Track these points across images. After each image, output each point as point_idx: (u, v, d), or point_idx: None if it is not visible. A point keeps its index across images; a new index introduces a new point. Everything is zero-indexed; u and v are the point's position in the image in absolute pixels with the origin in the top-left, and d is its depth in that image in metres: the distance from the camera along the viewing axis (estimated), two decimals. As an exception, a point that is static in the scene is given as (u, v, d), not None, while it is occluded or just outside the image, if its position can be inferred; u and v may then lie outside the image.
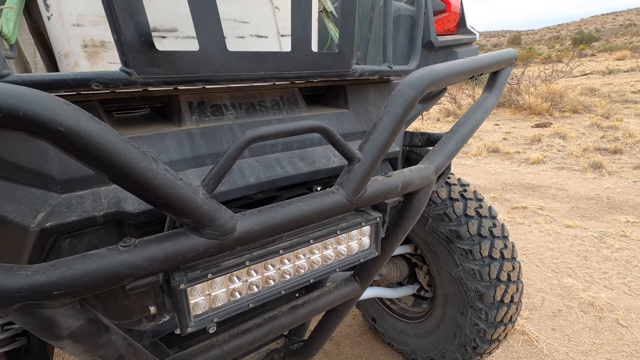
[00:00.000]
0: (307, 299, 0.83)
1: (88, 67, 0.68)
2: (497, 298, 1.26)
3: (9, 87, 0.34)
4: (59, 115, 0.36)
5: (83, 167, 0.52)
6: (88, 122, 0.37)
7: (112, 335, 0.50)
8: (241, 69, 0.57)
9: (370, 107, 0.86)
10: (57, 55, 0.67)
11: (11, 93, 0.34)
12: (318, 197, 0.62)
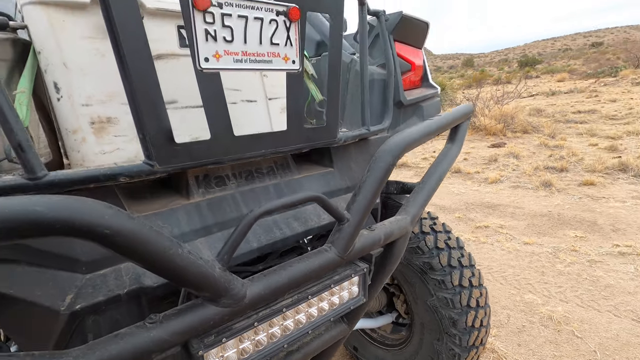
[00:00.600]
0: (301, 343, 0.89)
1: (94, 142, 0.73)
2: (469, 323, 1.37)
3: (64, 201, 0.40)
4: (105, 220, 0.42)
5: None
6: (128, 223, 0.44)
7: None
8: (245, 150, 0.65)
9: (352, 164, 0.96)
10: (64, 131, 0.71)
11: (66, 205, 0.40)
12: (314, 256, 0.70)
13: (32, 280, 0.51)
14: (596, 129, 7.47)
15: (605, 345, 1.92)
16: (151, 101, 0.56)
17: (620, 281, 2.48)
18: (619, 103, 10.79)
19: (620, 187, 4.27)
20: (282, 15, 0.64)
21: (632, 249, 2.86)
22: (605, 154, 5.64)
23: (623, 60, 29.41)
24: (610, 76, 20.19)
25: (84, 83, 0.70)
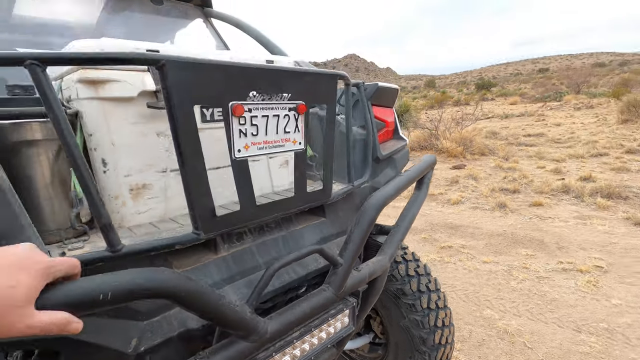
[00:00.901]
0: None
1: (132, 205, 0.87)
2: (437, 341, 1.58)
3: (155, 274, 0.56)
4: (181, 286, 0.58)
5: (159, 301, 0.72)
6: (195, 286, 0.60)
7: None
8: (264, 214, 0.82)
9: (340, 213, 1.15)
10: (106, 197, 0.86)
11: (156, 277, 0.56)
12: (316, 295, 0.87)
13: (108, 329, 0.64)
14: (543, 152, 8.23)
15: (551, 354, 2.21)
16: (201, 191, 0.72)
17: (563, 295, 2.82)
18: (563, 127, 11.91)
19: (563, 207, 4.78)
20: (293, 110, 0.84)
21: (573, 266, 3.25)
22: (551, 176, 6.26)
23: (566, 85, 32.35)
24: (555, 101, 22.13)
25: (127, 158, 0.85)
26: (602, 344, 2.26)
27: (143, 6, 2.07)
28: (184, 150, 0.66)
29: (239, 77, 0.72)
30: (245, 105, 0.74)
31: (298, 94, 0.84)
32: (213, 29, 2.27)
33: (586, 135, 9.75)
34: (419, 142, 9.39)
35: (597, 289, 2.88)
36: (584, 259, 3.36)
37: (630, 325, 2.42)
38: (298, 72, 0.83)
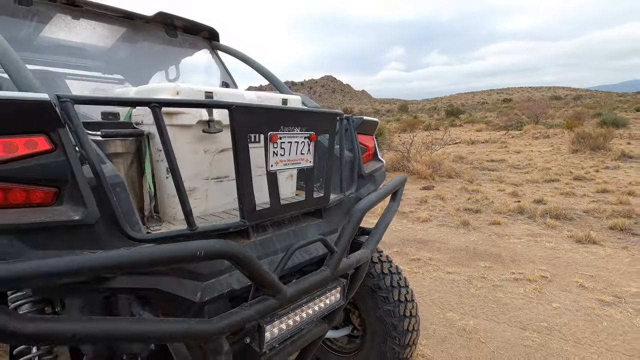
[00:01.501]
0: (299, 335, 1.36)
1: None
2: (405, 327, 1.92)
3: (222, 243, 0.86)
4: (239, 252, 0.89)
5: (213, 267, 1.01)
6: (250, 255, 0.91)
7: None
8: (285, 211, 1.14)
9: (333, 216, 1.49)
10: (166, 196, 1.15)
11: (224, 245, 0.86)
12: (318, 273, 1.19)
13: (181, 285, 0.93)
14: (504, 176, 8.98)
15: (500, 347, 2.59)
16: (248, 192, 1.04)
17: (513, 300, 3.25)
18: (522, 154, 12.93)
19: (518, 226, 5.34)
20: (307, 138, 1.18)
21: (523, 276, 3.71)
22: (509, 198, 6.90)
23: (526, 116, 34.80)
24: (516, 129, 23.79)
25: (183, 168, 1.15)
26: (541, 339, 2.68)
27: (159, 38, 2.38)
28: (241, 162, 0.98)
29: (274, 116, 1.06)
30: (278, 134, 1.07)
31: (311, 127, 1.18)
32: (219, 59, 2.61)
33: (542, 163, 10.69)
34: (392, 163, 9.96)
35: (542, 295, 3.34)
36: (532, 270, 3.84)
37: (566, 324, 2.87)
38: (311, 112, 1.18)
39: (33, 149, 0.76)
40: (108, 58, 2.55)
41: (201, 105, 0.96)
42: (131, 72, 2.65)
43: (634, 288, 3.41)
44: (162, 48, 2.54)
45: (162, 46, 2.52)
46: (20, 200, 0.76)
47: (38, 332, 0.67)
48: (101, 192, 0.82)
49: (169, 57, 2.69)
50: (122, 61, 2.58)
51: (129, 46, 2.49)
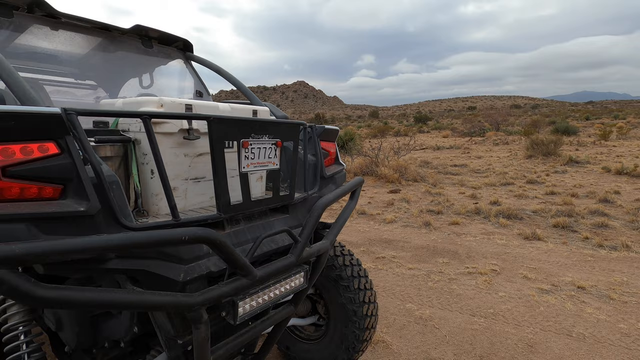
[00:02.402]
0: (266, 317, 1.56)
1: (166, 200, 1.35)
2: (364, 312, 2.15)
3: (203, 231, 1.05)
4: (217, 238, 1.08)
5: (193, 252, 1.19)
6: (225, 240, 1.10)
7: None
8: (255, 207, 1.34)
9: (297, 212, 1.70)
10: (150, 194, 1.32)
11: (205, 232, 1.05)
12: (284, 260, 1.40)
13: (166, 267, 1.10)
14: (465, 180, 9.56)
15: (452, 332, 2.89)
16: (223, 189, 1.23)
17: (465, 291, 3.59)
18: (483, 159, 13.74)
19: (475, 226, 5.78)
20: (274, 145, 1.39)
21: (475, 269, 4.08)
22: (468, 200, 7.40)
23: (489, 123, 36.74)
24: (479, 136, 25.08)
25: (166, 170, 1.33)
26: (487, 323, 3.01)
27: (135, 47, 2.51)
28: (217, 165, 1.18)
29: (246, 126, 1.27)
30: (249, 141, 1.28)
31: (277, 134, 1.40)
32: (192, 69, 2.77)
33: (500, 167, 11.44)
34: (362, 168, 10.32)
35: (490, 285, 3.70)
36: (484, 265, 4.22)
37: (509, 309, 3.22)
38: (277, 122, 1.40)
39: (45, 153, 0.92)
40: (82, 65, 2.64)
41: (184, 117, 1.15)
42: (104, 79, 2.75)
43: (569, 277, 3.85)
44: (136, 57, 2.66)
45: (136, 55, 2.64)
46: (34, 195, 0.92)
47: (58, 298, 0.83)
48: (101, 188, 0.99)
49: (142, 66, 2.81)
50: (95, 68, 2.67)
51: (103, 55, 2.60)
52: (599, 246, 4.75)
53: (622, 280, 3.77)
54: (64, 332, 1.58)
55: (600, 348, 2.65)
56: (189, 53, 2.77)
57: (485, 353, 2.62)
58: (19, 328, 1.44)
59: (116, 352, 1.67)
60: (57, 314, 1.58)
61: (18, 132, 0.89)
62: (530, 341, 2.74)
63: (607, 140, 18.19)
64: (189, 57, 2.77)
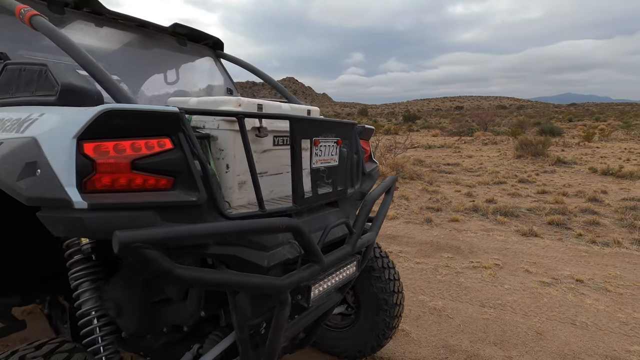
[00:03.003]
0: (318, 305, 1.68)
1: (237, 192, 1.44)
2: (394, 301, 2.29)
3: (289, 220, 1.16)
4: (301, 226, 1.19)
5: (274, 241, 1.30)
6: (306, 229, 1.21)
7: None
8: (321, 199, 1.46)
9: (345, 206, 1.82)
10: (224, 187, 1.42)
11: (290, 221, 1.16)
12: (343, 249, 1.52)
13: (253, 254, 1.20)
14: (459, 179, 9.83)
15: (466, 321, 3.06)
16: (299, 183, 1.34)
17: (473, 284, 3.78)
18: (474, 159, 14.09)
19: (474, 223, 6.00)
20: (335, 143, 1.50)
21: (480, 264, 4.28)
22: (465, 198, 7.64)
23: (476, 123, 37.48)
24: (468, 136, 25.61)
25: (239, 165, 1.43)
26: (497, 313, 3.20)
27: (168, 45, 2.57)
28: (296, 160, 1.28)
29: (318, 125, 1.38)
30: (320, 139, 1.39)
31: (338, 134, 1.51)
32: (222, 66, 2.84)
33: (491, 167, 11.77)
34: (359, 165, 10.47)
35: (495, 279, 3.90)
36: (487, 259, 4.43)
37: (515, 301, 3.42)
38: (340, 122, 1.51)
39: (162, 148, 1.01)
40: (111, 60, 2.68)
41: (273, 117, 1.25)
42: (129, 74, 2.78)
43: (567, 271, 4.09)
44: (166, 54, 2.71)
45: (166, 52, 2.69)
46: (151, 186, 1.01)
47: (190, 277, 0.92)
48: (205, 181, 1.09)
49: (170, 63, 2.86)
50: (123, 64, 2.71)
51: (134, 50, 2.64)
52: (592, 242, 5.02)
53: (615, 273, 4.02)
54: (123, 318, 1.66)
55: (602, 335, 2.87)
56: (219, 51, 2.84)
57: (498, 340, 2.79)
58: (91, 313, 1.52)
59: (171, 337, 1.76)
60: (118, 301, 1.66)
61: (144, 128, 0.98)
62: (539, 329, 2.93)
63: (591, 142, 18.86)
64: (219, 55, 2.84)
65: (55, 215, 0.88)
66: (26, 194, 0.86)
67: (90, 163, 0.89)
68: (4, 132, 1.08)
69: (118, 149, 0.94)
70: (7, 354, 1.07)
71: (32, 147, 0.92)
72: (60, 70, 1.15)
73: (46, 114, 1.03)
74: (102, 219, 0.87)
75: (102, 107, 0.89)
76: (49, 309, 1.97)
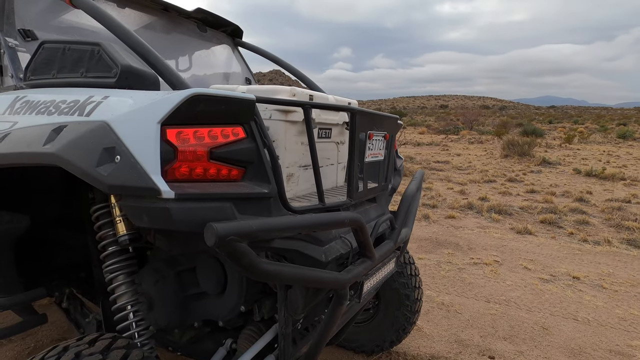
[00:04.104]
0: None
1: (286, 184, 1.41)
2: (415, 296, 2.31)
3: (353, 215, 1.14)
4: (363, 221, 1.17)
5: (329, 235, 1.27)
6: (366, 225, 1.19)
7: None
8: (370, 194, 1.44)
9: (381, 201, 1.81)
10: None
11: (354, 216, 1.14)
12: (387, 244, 1.51)
13: (312, 248, 1.17)
14: (450, 176, 9.99)
15: (474, 316, 3.12)
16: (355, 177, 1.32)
17: (476, 280, 3.85)
18: (462, 157, 14.33)
19: (469, 220, 6.11)
20: (383, 137, 1.48)
21: (480, 260, 4.37)
22: (458, 195, 7.77)
23: (461, 122, 38.10)
24: (454, 134, 26.01)
25: (289, 157, 1.39)
26: (503, 308, 3.27)
27: (190, 31, 2.48)
28: (357, 153, 1.26)
29: (373, 119, 1.35)
30: (374, 132, 1.36)
31: (386, 128, 1.49)
32: (240, 55, 2.76)
33: (480, 165, 12.01)
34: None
35: (497, 275, 3.99)
36: (486, 256, 4.52)
37: (519, 296, 3.51)
38: (388, 116, 1.49)
39: (236, 136, 0.96)
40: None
41: (334, 108, 1.21)
42: None
43: (563, 269, 4.22)
44: (184, 39, 2.61)
45: (184, 37, 2.59)
46: (224, 176, 0.96)
47: (273, 272, 0.89)
48: (275, 172, 1.05)
49: (186, 48, 2.76)
50: None
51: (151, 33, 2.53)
52: (584, 241, 5.20)
53: (609, 271, 4.18)
54: (154, 312, 1.61)
55: (604, 330, 2.98)
56: (237, 39, 2.76)
57: (507, 335, 2.86)
58: (127, 307, 1.46)
59: (200, 332, 1.72)
60: (149, 293, 1.60)
61: (220, 115, 0.93)
62: (544, 324, 3.02)
63: (571, 144, 19.49)
64: (237, 44, 2.76)
65: (139, 204, 0.82)
66: (108, 182, 0.80)
67: (172, 150, 0.84)
68: (62, 114, 1.00)
69: (197, 136, 0.89)
70: (59, 349, 1.02)
71: (107, 132, 0.86)
72: (117, 51, 1.08)
73: (112, 96, 0.97)
74: (189, 209, 0.83)
75: (191, 91, 0.84)
76: (68, 303, 1.89)
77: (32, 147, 0.96)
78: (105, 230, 1.46)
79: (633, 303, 3.45)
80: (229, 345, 1.66)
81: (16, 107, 1.19)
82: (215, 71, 2.82)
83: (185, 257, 1.56)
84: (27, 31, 1.55)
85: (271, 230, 0.85)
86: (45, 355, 1.01)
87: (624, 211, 6.56)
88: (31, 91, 1.26)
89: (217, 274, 1.45)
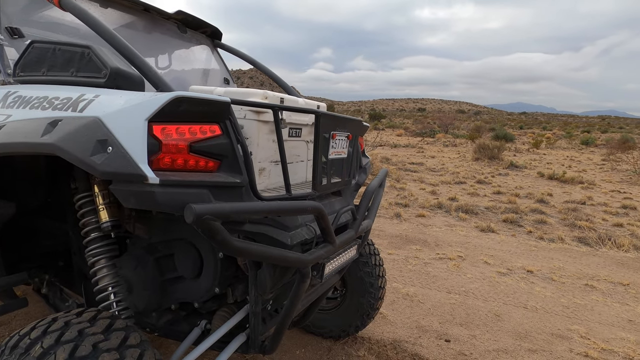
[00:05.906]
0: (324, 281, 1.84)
1: (258, 177, 1.57)
2: (379, 285, 2.51)
3: (313, 203, 1.32)
4: (324, 209, 1.35)
5: (295, 222, 1.44)
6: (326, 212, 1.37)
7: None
8: (333, 187, 1.62)
9: (346, 195, 2.00)
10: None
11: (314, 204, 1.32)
12: (348, 232, 1.70)
13: (278, 233, 1.33)
14: (423, 177, 10.37)
15: (435, 305, 3.38)
16: (318, 171, 1.49)
17: (440, 273, 4.13)
18: (436, 159, 14.85)
19: (438, 218, 6.43)
20: (346, 137, 1.67)
21: (445, 255, 4.66)
22: (430, 196, 8.12)
23: (437, 125, 39.19)
24: (430, 137, 26.77)
25: (261, 153, 1.55)
26: (461, 298, 3.55)
27: (171, 32, 2.59)
28: (321, 151, 1.44)
29: (337, 121, 1.53)
30: (336, 133, 1.55)
31: (349, 129, 1.68)
32: (219, 56, 2.88)
33: (452, 167, 12.50)
34: (330, 160, 10.70)
35: (459, 269, 4.28)
36: (451, 252, 4.82)
37: (477, 288, 3.80)
38: (352, 119, 1.68)
39: (213, 133, 1.12)
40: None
41: (302, 111, 1.38)
42: None
43: (520, 263, 4.57)
44: (162, 38, 2.70)
45: (163, 37, 2.69)
46: (202, 167, 1.11)
47: (244, 249, 1.05)
48: (246, 164, 1.21)
49: (165, 48, 2.86)
50: None
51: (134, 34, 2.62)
52: (540, 239, 5.61)
53: (559, 266, 4.56)
54: (132, 296, 1.73)
55: (549, 317, 3.30)
56: (217, 41, 2.88)
57: (464, 321, 3.12)
58: (109, 289, 1.58)
59: (176, 315, 1.85)
60: (129, 278, 1.72)
61: (199, 115, 1.08)
62: (497, 312, 3.31)
63: (539, 149, 20.53)
64: (217, 45, 2.88)
65: (128, 188, 0.97)
66: (101, 169, 0.94)
67: (157, 143, 0.99)
68: (56, 110, 1.13)
69: (179, 132, 1.04)
70: (49, 320, 1.14)
71: (99, 127, 0.99)
72: (106, 54, 1.21)
73: (102, 95, 1.10)
74: (170, 193, 0.98)
75: (174, 94, 0.99)
76: (47, 289, 1.97)
77: (30, 138, 1.08)
78: (88, 217, 1.58)
79: (577, 293, 3.81)
80: (204, 325, 1.80)
81: (8, 101, 1.29)
82: (195, 70, 2.93)
83: (163, 244, 1.69)
84: (14, 29, 1.63)
85: (241, 212, 1.01)
86: (36, 325, 1.13)
87: (578, 212, 7.08)
88: (22, 87, 1.36)
89: (193, 258, 1.60)
